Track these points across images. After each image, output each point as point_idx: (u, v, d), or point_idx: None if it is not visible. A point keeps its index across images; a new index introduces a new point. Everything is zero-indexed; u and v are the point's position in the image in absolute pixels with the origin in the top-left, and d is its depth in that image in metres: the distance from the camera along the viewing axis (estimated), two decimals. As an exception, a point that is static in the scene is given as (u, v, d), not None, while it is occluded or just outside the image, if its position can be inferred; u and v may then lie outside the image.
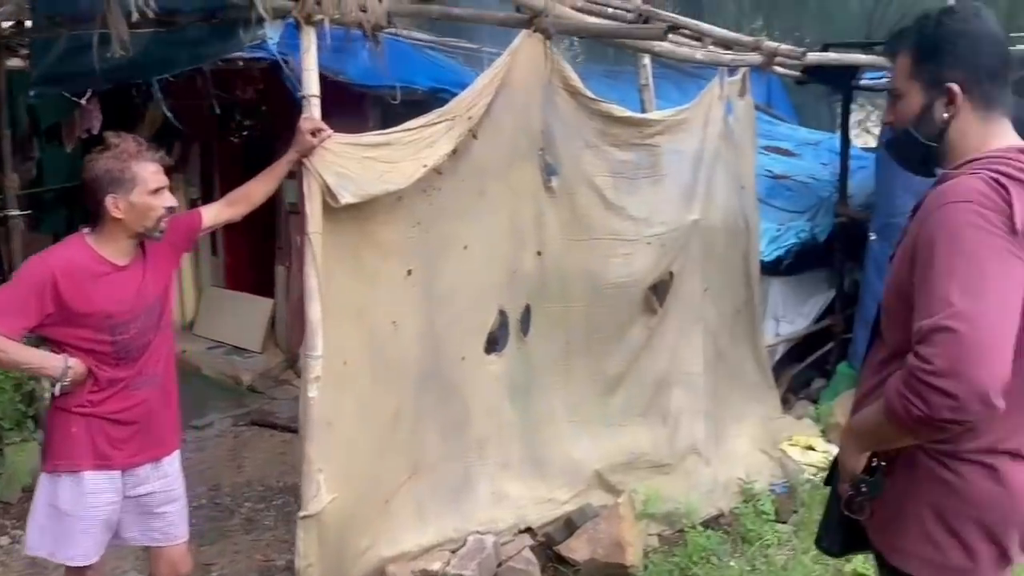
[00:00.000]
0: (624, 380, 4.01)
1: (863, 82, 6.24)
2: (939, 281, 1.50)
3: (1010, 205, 1.51)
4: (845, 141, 5.69)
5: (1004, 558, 1.71)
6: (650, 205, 3.99)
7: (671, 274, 4.09)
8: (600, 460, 3.85)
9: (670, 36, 3.37)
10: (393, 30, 3.20)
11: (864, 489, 1.76)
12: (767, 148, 6.77)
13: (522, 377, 3.60)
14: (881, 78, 5.96)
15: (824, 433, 4.79)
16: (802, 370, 5.73)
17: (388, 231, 3.00)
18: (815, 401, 5.25)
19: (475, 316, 3.38)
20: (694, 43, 3.91)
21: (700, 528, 3.72)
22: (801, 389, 5.69)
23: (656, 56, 3.66)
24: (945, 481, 1.68)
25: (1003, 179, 1.55)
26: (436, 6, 3.27)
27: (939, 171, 1.75)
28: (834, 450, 4.60)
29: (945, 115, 1.73)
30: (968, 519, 1.68)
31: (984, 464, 1.66)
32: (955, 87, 1.70)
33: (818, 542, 2.08)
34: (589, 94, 3.61)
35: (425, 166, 2.91)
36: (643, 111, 4.10)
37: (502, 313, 3.45)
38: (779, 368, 5.47)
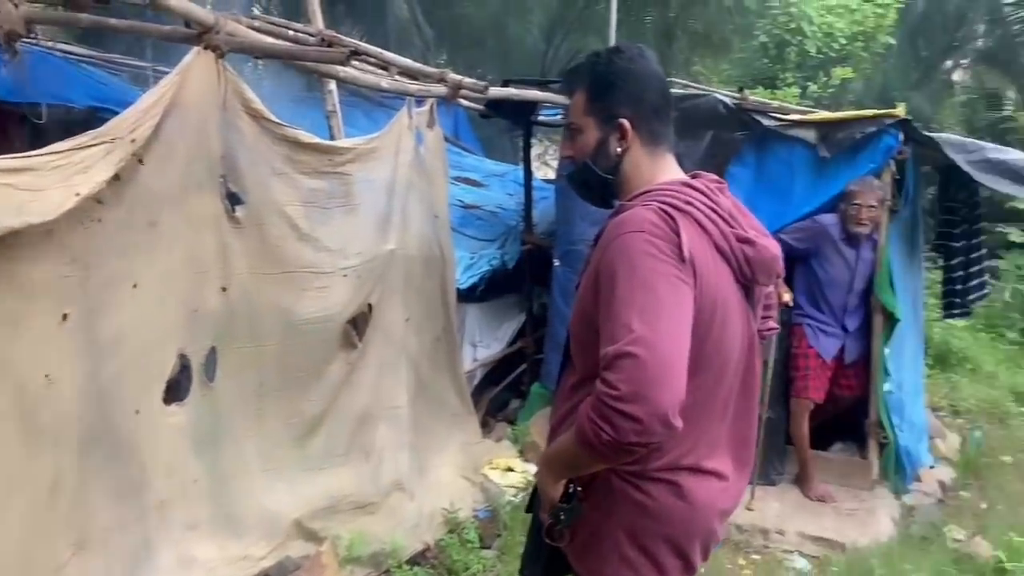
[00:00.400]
0: (324, 420, 3.81)
1: (540, 118, 6.64)
2: (620, 309, 1.54)
3: (678, 235, 1.59)
4: (528, 173, 5.98)
5: (689, 570, 1.81)
6: (345, 235, 3.85)
7: (370, 306, 3.98)
8: (299, 508, 3.60)
9: (356, 63, 3.27)
10: (38, 40, 2.76)
11: (562, 517, 1.77)
12: (457, 179, 6.94)
13: (208, 427, 3.25)
14: (556, 114, 6.39)
15: (522, 453, 4.93)
16: (499, 392, 5.90)
17: (35, 270, 2.54)
18: (512, 422, 5.41)
19: (150, 363, 2.99)
20: (380, 71, 3.86)
21: (407, 566, 3.61)
22: (499, 411, 5.85)
23: (341, 82, 3.54)
24: (636, 502, 1.73)
25: (671, 210, 1.64)
26: (87, 15, 2.87)
27: (616, 202, 1.82)
28: (532, 469, 4.79)
29: (619, 149, 1.81)
30: (657, 536, 1.75)
31: (668, 481, 1.73)
32: (626, 122, 1.78)
33: (521, 572, 2.07)
34: (273, 118, 3.39)
35: (78, 194, 2.51)
36: (332, 138, 3.97)
37: (182, 357, 3.10)
38: (478, 392, 5.58)
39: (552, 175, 9.88)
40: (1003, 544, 3.59)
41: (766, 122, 4.58)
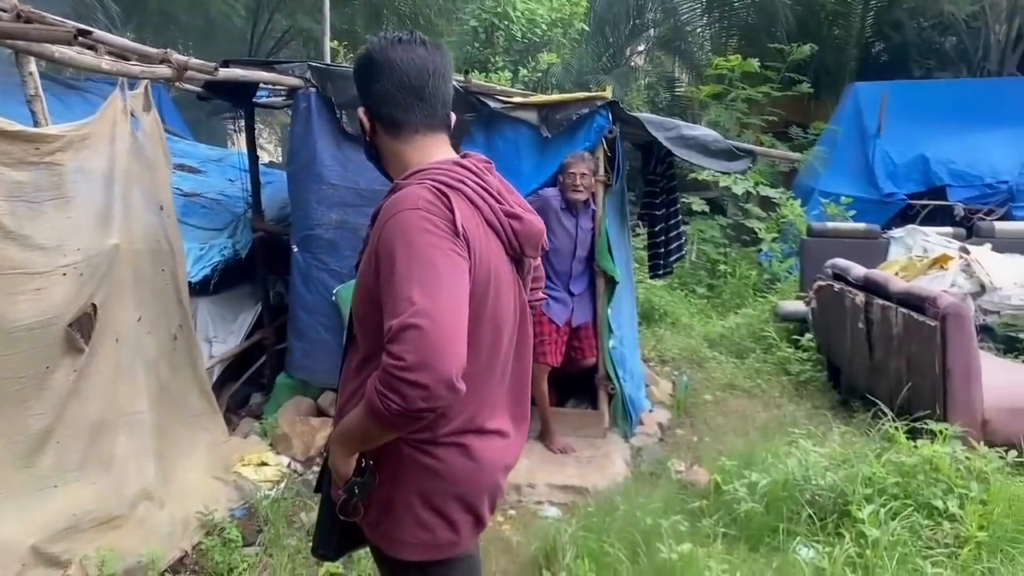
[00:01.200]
0: (52, 434, 3.46)
1: (261, 99, 6.42)
2: (401, 283, 1.61)
3: (452, 211, 1.69)
4: (253, 157, 5.77)
5: (479, 523, 1.93)
6: (61, 231, 3.50)
7: (94, 306, 3.67)
8: (35, 533, 3.26)
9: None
10: None
11: (356, 491, 1.82)
12: (172, 166, 6.51)
13: (-86, 459, 2.85)
14: (267, 96, 6.22)
15: (273, 446, 4.82)
16: (239, 387, 5.69)
17: None
18: (259, 417, 5.24)
19: None
20: (86, 51, 3.53)
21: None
22: (241, 407, 5.64)
23: (57, 64, 3.21)
24: (427, 466, 1.82)
25: (444, 187, 1.73)
26: None
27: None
28: (286, 461, 4.70)
29: (368, 136, 1.91)
30: (448, 496, 1.85)
31: (456, 444, 1.84)
32: (361, 112, 1.90)
33: (314, 551, 2.09)
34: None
35: None
36: (36, 125, 3.58)
37: None
38: (217, 389, 5.33)
39: (267, 158, 9.58)
40: (717, 469, 4.15)
41: (492, 104, 4.83)
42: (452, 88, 1.92)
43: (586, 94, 4.97)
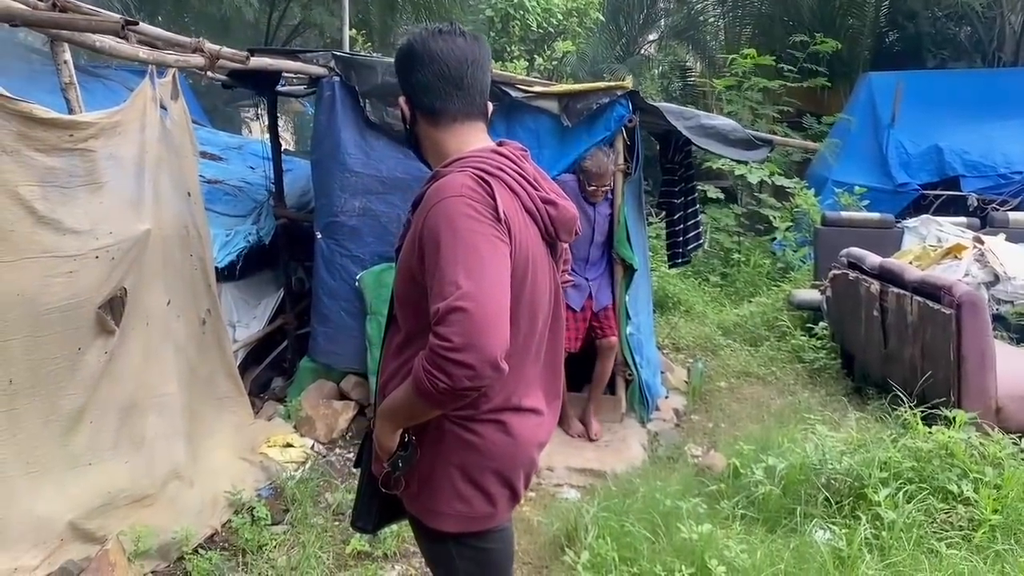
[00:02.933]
0: (86, 414, 3.56)
1: (282, 88, 6.49)
2: (447, 267, 1.67)
3: (493, 197, 1.75)
4: (276, 145, 5.84)
5: (515, 497, 2.01)
6: (92, 216, 3.58)
7: (125, 290, 3.75)
8: (72, 509, 3.36)
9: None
10: None
11: (400, 464, 1.90)
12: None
13: (-42, 435, 2.94)
14: (283, 85, 6.28)
15: (297, 428, 4.91)
16: (261, 371, 5.78)
17: None
18: (282, 400, 5.34)
19: None
20: (119, 40, 3.60)
21: (199, 552, 3.52)
22: (263, 390, 5.74)
23: (96, 52, 3.28)
24: (467, 442, 1.89)
25: (485, 175, 1.79)
26: None
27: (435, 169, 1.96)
28: (310, 443, 4.79)
29: (409, 125, 1.98)
30: (487, 470, 1.92)
31: (496, 421, 1.91)
32: (402, 102, 1.97)
33: (353, 523, 2.17)
34: (1, 91, 3.09)
35: None
36: (70, 112, 3.66)
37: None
38: (240, 373, 5.42)
39: (286, 147, 9.66)
40: (735, 453, 4.22)
41: (514, 94, 4.88)
42: (490, 78, 1.98)
43: (607, 83, 5.01)
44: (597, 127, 4.86)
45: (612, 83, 4.97)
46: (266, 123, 6.34)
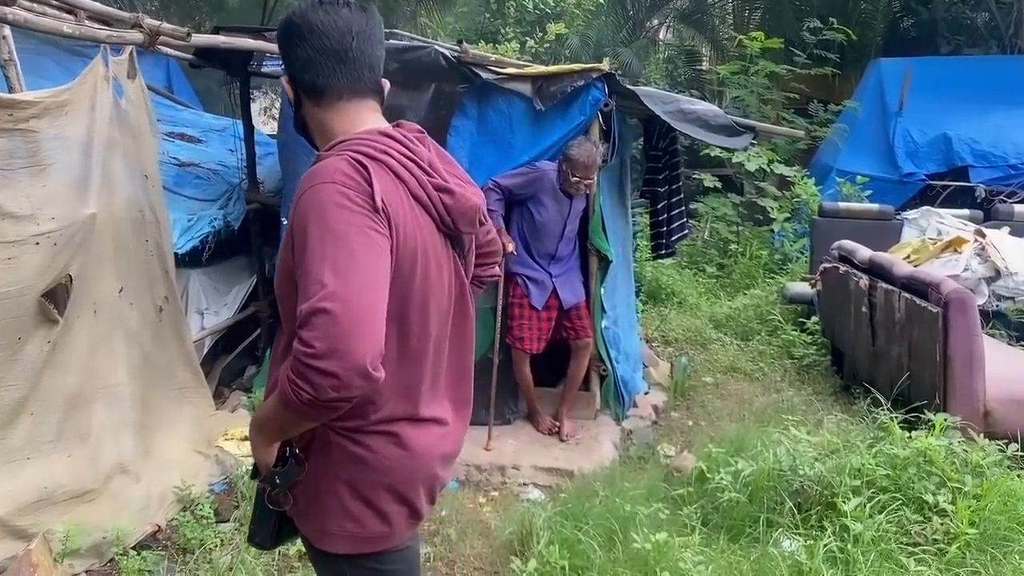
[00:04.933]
0: (26, 406, 3.43)
1: (265, 69, 6.32)
2: (312, 264, 1.51)
3: (371, 184, 1.57)
4: (248, 127, 5.69)
5: (415, 515, 1.84)
6: (34, 200, 3.45)
7: (70, 277, 3.61)
8: (2, 505, 3.24)
9: (26, 4, 2.88)
10: None
11: (278, 481, 1.74)
12: (171, 135, 6.46)
13: None
14: (273, 65, 6.12)
15: (260, 420, 4.76)
16: (232, 360, 5.65)
17: None
18: (249, 390, 5.20)
19: None
20: (65, 16, 3.45)
21: (134, 551, 3.39)
22: (234, 380, 5.61)
23: (15, 27, 3.12)
24: (355, 455, 1.73)
25: (364, 159, 1.61)
26: None
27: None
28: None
29: (295, 106, 1.80)
30: (379, 487, 1.76)
31: (387, 433, 1.74)
32: (285, 81, 1.79)
33: (250, 539, 2.01)
34: (-70, 68, 2.95)
35: None
36: (10, 91, 3.51)
37: None
38: (209, 361, 5.31)
39: (273, 131, 9.50)
40: (704, 456, 4.04)
41: (485, 75, 4.69)
42: (382, 52, 1.79)
43: (581, 65, 4.80)
44: (572, 111, 4.67)
45: (587, 65, 4.77)
46: (266, 106, 6.17)
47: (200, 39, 3.99)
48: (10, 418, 3.39)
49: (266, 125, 11.80)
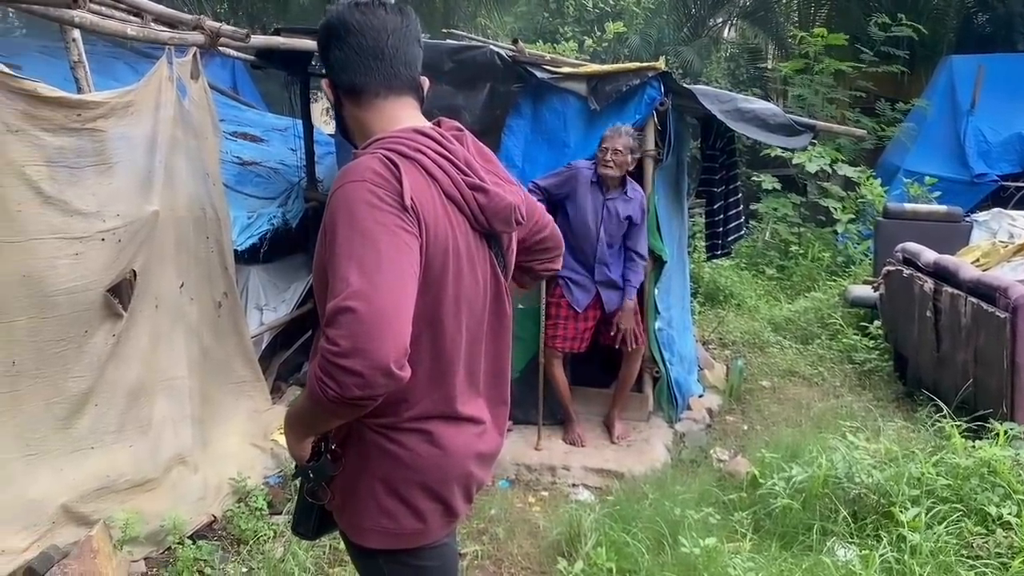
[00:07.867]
0: (91, 397, 3.55)
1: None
2: (340, 262, 1.51)
3: (400, 182, 1.57)
4: (308, 126, 5.79)
5: (450, 513, 1.83)
6: (100, 197, 3.56)
7: (134, 272, 3.73)
8: (67, 492, 3.35)
9: (95, 7, 2.97)
10: None
11: (312, 476, 1.77)
12: (234, 134, 6.61)
13: (-45, 415, 2.95)
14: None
15: (315, 415, 4.84)
16: (290, 356, 5.75)
17: None
18: (304, 385, 5.28)
19: None
20: (131, 18, 3.56)
21: (190, 540, 3.48)
22: (291, 375, 5.71)
23: (82, 30, 3.23)
24: (389, 452, 1.74)
25: (395, 157, 1.61)
26: None
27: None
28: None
29: (336, 108, 1.82)
30: (413, 484, 1.76)
31: (421, 430, 1.75)
32: (324, 82, 1.80)
33: (294, 528, 2.04)
34: (3, 68, 3.07)
35: None
36: (79, 91, 3.64)
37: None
38: (267, 357, 5.41)
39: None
40: (757, 461, 3.97)
41: (540, 75, 4.68)
42: (419, 50, 1.80)
43: (637, 64, 4.76)
44: (627, 111, 4.63)
45: (643, 64, 4.72)
46: (327, 107, 6.27)
47: (259, 40, 4.06)
48: (77, 408, 3.50)
49: (327, 125, 11.96)
